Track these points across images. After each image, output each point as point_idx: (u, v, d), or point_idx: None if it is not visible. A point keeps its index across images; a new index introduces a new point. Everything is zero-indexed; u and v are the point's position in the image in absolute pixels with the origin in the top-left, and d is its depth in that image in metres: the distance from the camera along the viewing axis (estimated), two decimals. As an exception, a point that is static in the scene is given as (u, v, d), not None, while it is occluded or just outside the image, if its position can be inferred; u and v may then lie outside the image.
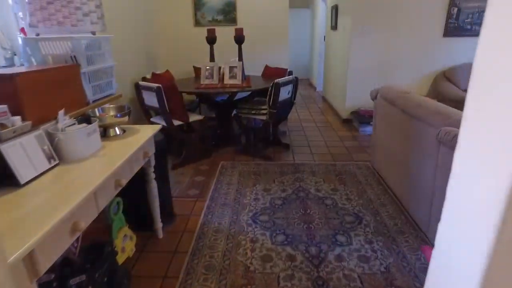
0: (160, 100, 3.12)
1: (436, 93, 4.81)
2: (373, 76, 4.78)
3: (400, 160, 2.58)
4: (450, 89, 4.42)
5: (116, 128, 1.87)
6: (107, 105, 1.98)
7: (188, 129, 3.71)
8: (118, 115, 1.83)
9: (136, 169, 1.74)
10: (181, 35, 4.94)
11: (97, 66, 2.04)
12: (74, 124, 1.58)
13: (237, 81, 3.64)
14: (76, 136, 1.47)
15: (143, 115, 3.62)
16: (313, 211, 2.56)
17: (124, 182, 1.49)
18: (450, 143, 1.83)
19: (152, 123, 3.51)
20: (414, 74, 4.79)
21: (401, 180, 2.57)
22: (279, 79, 3.23)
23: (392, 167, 2.76)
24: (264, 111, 3.45)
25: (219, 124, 4.05)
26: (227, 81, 3.69)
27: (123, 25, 3.76)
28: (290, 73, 4.07)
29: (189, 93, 3.40)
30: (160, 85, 3.09)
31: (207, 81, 3.73)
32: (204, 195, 2.86)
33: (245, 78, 3.90)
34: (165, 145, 2.35)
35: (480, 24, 3.11)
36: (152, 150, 1.97)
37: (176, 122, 3.33)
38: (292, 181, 3.09)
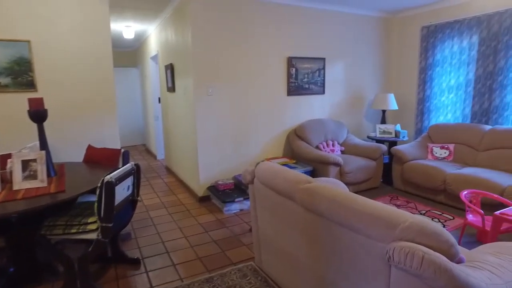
0: None
1: (291, 152, 4.60)
2: (228, 142, 4.18)
3: (312, 271, 1.85)
4: (303, 147, 4.25)
5: None
6: None
7: None
8: None
9: None
10: None
11: None
12: None
13: (39, 182, 2.25)
14: None
15: None
16: None
17: None
18: (413, 270, 1.19)
19: None
20: (268, 135, 4.47)
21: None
22: (111, 175, 2.09)
23: (299, 278, 2.01)
24: (93, 226, 2.18)
25: (13, 256, 2.43)
26: (20, 185, 2.24)
27: None
28: (125, 155, 2.95)
29: None
30: None
31: (-22, 189, 2.17)
32: None
33: (54, 174, 2.52)
34: None
35: (314, 83, 2.83)
36: None
37: None
38: (157, 337, 1.91)
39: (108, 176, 2.07)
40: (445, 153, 4.32)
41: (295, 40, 4.47)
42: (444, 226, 3.31)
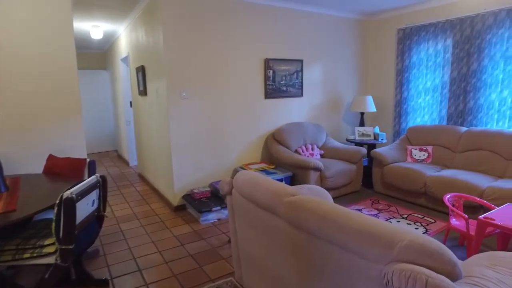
0: None
1: (270, 157, 4.46)
2: (203, 148, 3.98)
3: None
4: (282, 152, 4.11)
5: None
6: None
7: None
8: None
9: None
10: None
11: None
12: None
13: (-14, 200, 1.98)
14: None
15: None
16: None
17: None
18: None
19: None
20: (246, 139, 4.30)
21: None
22: (72, 190, 1.85)
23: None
24: (50, 249, 1.92)
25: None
26: (-37, 202, 1.95)
27: None
28: (91, 165, 2.70)
29: None
30: None
31: None
32: None
33: (5, 189, 2.24)
34: None
35: (292, 86, 2.67)
36: None
37: None
38: None
39: (68, 192, 1.83)
40: (424, 155, 4.32)
41: (272, 41, 4.34)
42: (426, 230, 3.26)
